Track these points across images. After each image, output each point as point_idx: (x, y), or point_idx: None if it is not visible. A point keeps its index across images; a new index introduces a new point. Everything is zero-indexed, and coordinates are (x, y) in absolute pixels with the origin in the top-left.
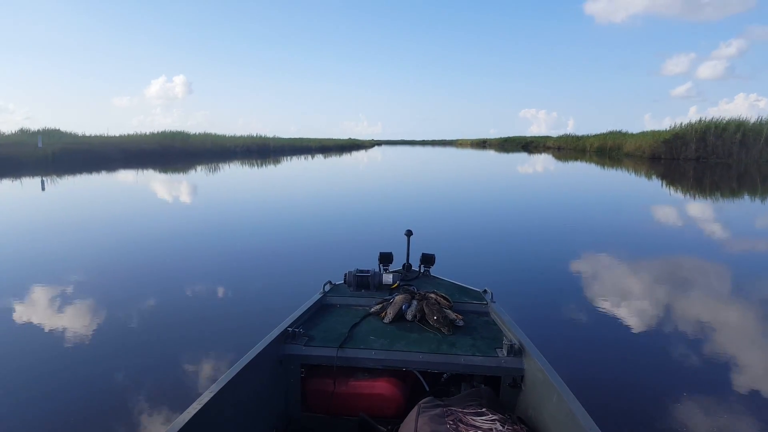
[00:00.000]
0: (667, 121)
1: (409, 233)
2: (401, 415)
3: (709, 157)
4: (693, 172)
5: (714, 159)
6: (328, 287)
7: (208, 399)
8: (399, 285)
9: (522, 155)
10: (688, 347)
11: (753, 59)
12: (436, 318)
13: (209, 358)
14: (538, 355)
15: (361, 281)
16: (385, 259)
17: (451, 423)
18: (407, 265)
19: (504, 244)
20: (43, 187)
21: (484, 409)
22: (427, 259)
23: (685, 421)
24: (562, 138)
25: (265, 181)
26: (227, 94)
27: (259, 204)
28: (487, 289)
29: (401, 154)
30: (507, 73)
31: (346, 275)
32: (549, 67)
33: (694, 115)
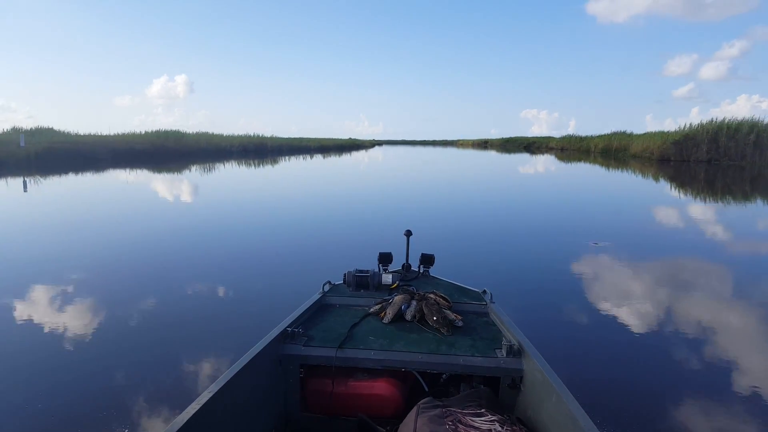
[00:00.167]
0: (669, 122)
1: (408, 233)
2: (400, 416)
3: (721, 159)
4: (705, 175)
5: (726, 161)
6: (327, 287)
7: (207, 399)
8: (398, 285)
9: (524, 156)
10: (686, 348)
11: (755, 60)
12: (435, 318)
13: (208, 357)
14: (537, 355)
15: (361, 281)
16: (385, 259)
17: (450, 423)
18: (407, 266)
19: (504, 244)
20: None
21: (483, 410)
22: (427, 260)
23: (683, 421)
24: (565, 139)
25: (262, 182)
26: (229, 94)
27: (258, 204)
28: (487, 290)
29: (402, 154)
30: (508, 74)
31: (345, 275)
32: (550, 68)
33: (695, 116)
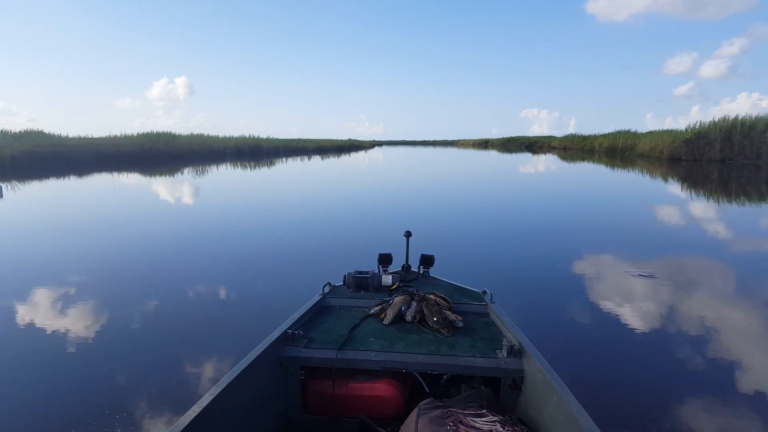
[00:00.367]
0: (669, 120)
1: (408, 234)
2: (401, 417)
3: (735, 158)
4: (718, 175)
5: (741, 160)
6: (327, 289)
7: (209, 401)
8: (398, 286)
9: (526, 156)
10: (688, 348)
11: (755, 58)
12: (435, 319)
13: (209, 360)
14: (537, 355)
15: (361, 282)
16: (385, 260)
17: (451, 424)
18: (406, 266)
19: (504, 244)
20: None
21: (485, 411)
22: (427, 260)
23: (685, 421)
24: (567, 138)
25: (258, 184)
26: (230, 96)
27: (257, 206)
28: (487, 290)
29: (402, 155)
30: (508, 74)
31: (345, 277)
32: (550, 67)
33: (696, 114)
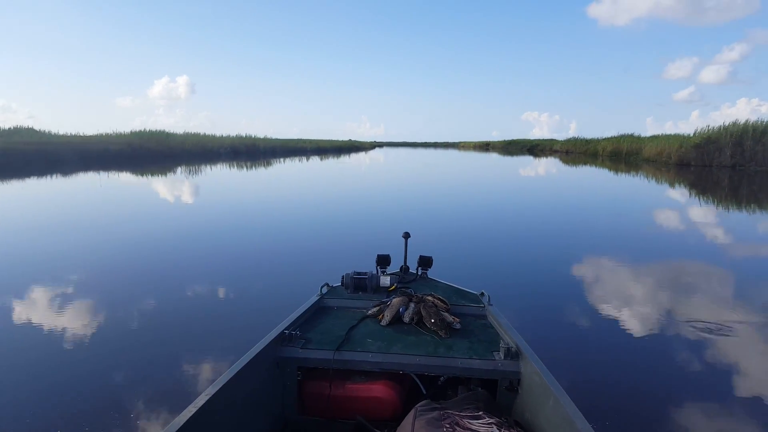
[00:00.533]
0: (670, 125)
1: (406, 235)
2: (398, 418)
3: (747, 165)
4: (729, 181)
5: (753, 167)
6: (325, 290)
7: (204, 401)
8: (396, 287)
9: (528, 159)
10: (685, 352)
11: (755, 64)
12: (433, 321)
13: (206, 360)
14: (534, 358)
15: (359, 283)
16: (383, 261)
17: (447, 426)
18: (405, 268)
19: (503, 247)
20: None
21: (481, 413)
22: (425, 262)
23: (681, 424)
24: (569, 141)
25: (256, 184)
26: (231, 95)
27: (255, 206)
28: (485, 292)
29: (402, 156)
30: (509, 76)
31: (343, 277)
32: (551, 70)
33: (696, 119)
